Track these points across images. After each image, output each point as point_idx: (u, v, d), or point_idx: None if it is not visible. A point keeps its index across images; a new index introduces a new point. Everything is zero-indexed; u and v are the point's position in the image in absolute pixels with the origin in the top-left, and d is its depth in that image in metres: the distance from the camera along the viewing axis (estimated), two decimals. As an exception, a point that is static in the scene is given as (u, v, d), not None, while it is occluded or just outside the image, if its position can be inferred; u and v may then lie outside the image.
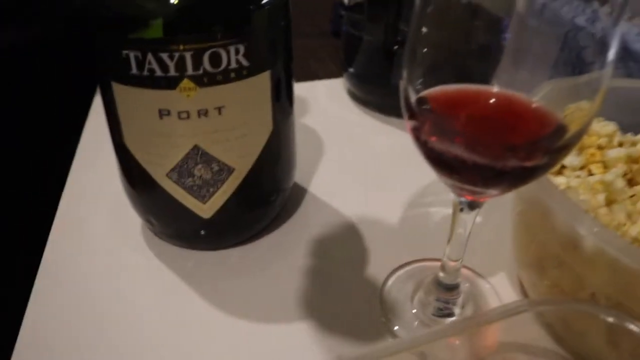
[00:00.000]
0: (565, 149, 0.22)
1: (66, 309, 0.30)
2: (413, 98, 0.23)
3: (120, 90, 0.28)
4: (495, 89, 0.26)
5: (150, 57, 0.26)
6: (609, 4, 0.21)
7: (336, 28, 0.67)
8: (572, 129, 0.23)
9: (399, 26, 0.46)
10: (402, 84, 0.24)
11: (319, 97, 0.53)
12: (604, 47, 0.23)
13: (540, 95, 0.27)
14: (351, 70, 0.51)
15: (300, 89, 0.53)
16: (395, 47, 0.46)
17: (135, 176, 0.32)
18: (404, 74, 0.23)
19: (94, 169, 0.42)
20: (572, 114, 0.24)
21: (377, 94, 0.49)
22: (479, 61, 0.26)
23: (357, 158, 0.44)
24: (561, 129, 0.23)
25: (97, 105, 0.52)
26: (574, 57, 0.26)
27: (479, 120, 0.23)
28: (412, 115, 0.22)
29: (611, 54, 0.23)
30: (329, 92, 0.54)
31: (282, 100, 0.32)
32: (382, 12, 0.47)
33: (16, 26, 0.69)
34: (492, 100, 0.25)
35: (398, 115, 0.30)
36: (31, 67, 0.72)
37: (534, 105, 0.24)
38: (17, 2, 0.67)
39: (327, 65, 0.60)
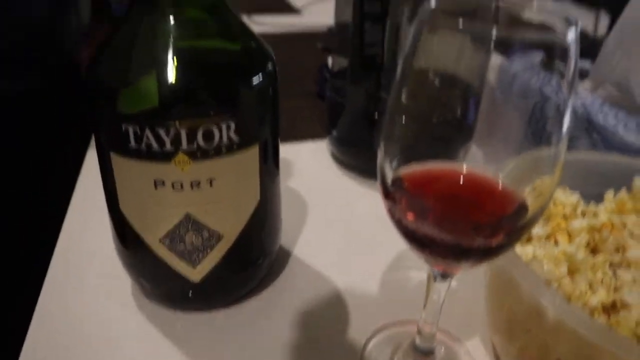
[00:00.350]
0: (526, 228, 0.24)
1: (56, 371, 0.31)
2: (389, 177, 0.26)
3: (118, 161, 0.30)
4: (464, 167, 0.28)
5: (148, 132, 0.28)
6: (563, 75, 0.23)
7: (322, 90, 0.71)
8: (537, 205, 0.26)
9: (380, 94, 0.50)
10: (379, 160, 0.26)
11: (304, 159, 0.56)
12: (560, 118, 0.25)
13: (507, 170, 0.29)
14: (334, 133, 0.54)
15: (285, 150, 0.55)
16: (376, 115, 0.49)
17: (128, 240, 0.34)
18: (380, 150, 0.26)
19: (87, 225, 0.44)
20: (537, 188, 0.27)
21: (360, 158, 0.52)
22: (453, 133, 0.29)
23: (340, 221, 0.46)
24: (523, 209, 0.25)
25: (91, 159, 0.54)
26: (541, 128, 0.28)
27: (448, 200, 0.25)
28: (387, 195, 0.25)
29: (565, 127, 0.25)
30: (313, 154, 0.57)
31: (269, 171, 0.34)
32: (364, 80, 0.50)
33: (10, 76, 0.71)
34: (461, 179, 0.27)
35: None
36: (22, 117, 0.74)
37: (499, 184, 0.27)
38: (12, 52, 0.69)
39: (312, 126, 0.63)
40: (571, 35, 0.21)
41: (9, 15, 0.68)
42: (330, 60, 0.69)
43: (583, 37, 1.00)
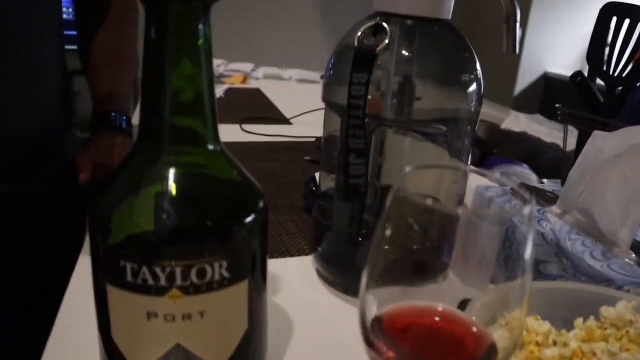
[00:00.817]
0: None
1: None
2: (369, 315, 0.28)
3: (113, 292, 0.32)
4: (440, 306, 0.30)
5: (144, 269, 0.30)
6: (525, 207, 0.26)
7: (308, 204, 0.74)
8: (509, 341, 0.28)
9: (364, 218, 0.53)
10: (360, 293, 0.28)
11: (289, 274, 0.58)
12: (524, 250, 0.28)
13: (479, 305, 0.31)
14: (319, 250, 0.56)
15: (272, 265, 0.57)
16: (360, 238, 0.52)
17: (117, 367, 0.35)
18: (362, 283, 0.28)
19: (74, 340, 0.44)
20: (510, 323, 0.29)
21: (343, 277, 0.54)
22: (432, 260, 0.31)
23: (324, 338, 0.47)
24: (493, 349, 0.27)
25: (82, 267, 0.55)
26: (515, 254, 0.31)
27: (424, 340, 0.27)
28: (366, 337, 0.27)
29: (528, 259, 0.28)
30: (299, 270, 0.59)
31: (258, 299, 0.36)
32: (349, 204, 0.53)
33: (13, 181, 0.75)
34: (436, 319, 0.29)
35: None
36: (21, 216, 0.78)
37: (472, 323, 0.29)
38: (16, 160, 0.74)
39: (298, 241, 0.66)
40: (527, 211, 0.25)
41: (14, 127, 0.73)
42: (317, 175, 0.72)
43: (555, 150, 1.06)
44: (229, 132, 1.12)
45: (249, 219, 0.33)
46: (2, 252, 0.78)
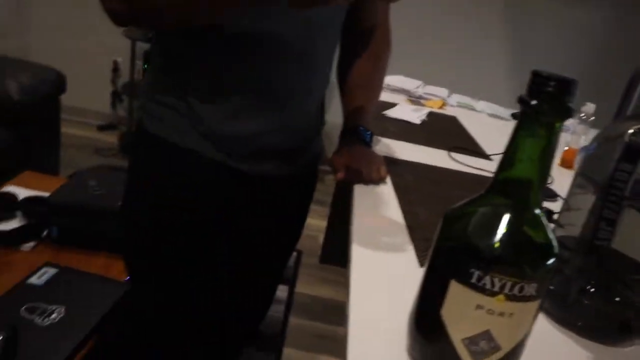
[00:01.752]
0: None
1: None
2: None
3: (456, 286, 0.50)
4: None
5: (487, 278, 0.48)
6: None
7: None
8: None
9: (593, 273, 0.66)
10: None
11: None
12: None
13: None
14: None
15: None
16: (588, 287, 0.65)
17: (435, 335, 0.53)
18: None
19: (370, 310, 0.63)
20: None
21: (567, 312, 0.68)
22: None
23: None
24: None
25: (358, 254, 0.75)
26: None
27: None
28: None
29: None
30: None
31: (536, 315, 0.52)
32: (585, 257, 0.67)
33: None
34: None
35: None
36: None
37: None
38: None
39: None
40: None
41: (298, 121, 0.95)
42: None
43: None
44: (438, 157, 1.28)
45: (552, 262, 0.49)
46: (267, 224, 1.01)
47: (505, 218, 0.49)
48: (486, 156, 1.39)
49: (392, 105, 1.74)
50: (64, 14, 3.38)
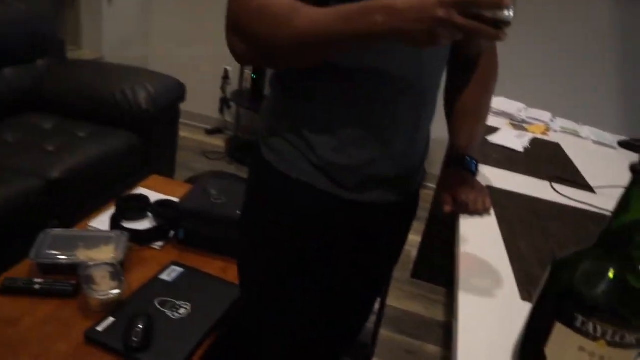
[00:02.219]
0: None
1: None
2: None
3: (560, 328, 0.56)
4: None
5: (590, 324, 0.54)
6: None
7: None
8: None
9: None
10: None
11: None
12: None
13: None
14: None
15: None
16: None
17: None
18: None
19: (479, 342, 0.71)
20: None
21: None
22: None
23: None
24: None
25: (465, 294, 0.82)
26: None
27: None
28: None
29: None
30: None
31: (635, 360, 0.57)
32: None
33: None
34: None
35: None
36: None
37: None
38: None
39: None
40: None
41: (405, 150, 0.99)
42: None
43: None
44: (540, 188, 1.31)
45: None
46: (370, 247, 1.07)
47: (611, 269, 0.55)
48: (590, 189, 1.40)
49: (494, 129, 1.77)
50: (179, 24, 3.68)
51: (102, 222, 1.62)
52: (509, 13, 0.69)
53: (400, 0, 0.70)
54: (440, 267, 2.44)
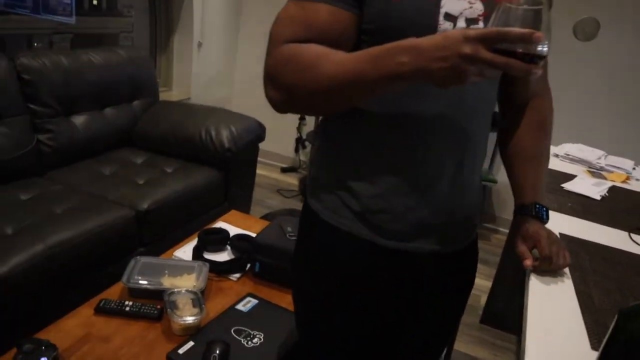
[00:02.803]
0: None
1: None
2: None
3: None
4: None
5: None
6: None
7: None
8: None
9: None
10: None
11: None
12: None
13: None
14: None
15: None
16: None
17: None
18: None
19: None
20: None
21: None
22: None
23: None
24: None
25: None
26: None
27: None
28: None
29: None
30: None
31: None
32: None
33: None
34: None
35: None
36: None
37: None
38: None
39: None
40: None
41: (453, 199, 0.92)
42: None
43: None
44: (618, 238, 1.29)
45: None
46: (423, 298, 1.02)
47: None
48: (672, 241, 1.35)
49: (571, 177, 1.75)
50: (261, 68, 3.87)
51: (185, 252, 1.73)
52: (542, 47, 0.65)
53: (426, 40, 0.69)
54: (510, 314, 2.38)
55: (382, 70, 0.72)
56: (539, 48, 0.65)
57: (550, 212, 1.05)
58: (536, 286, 0.98)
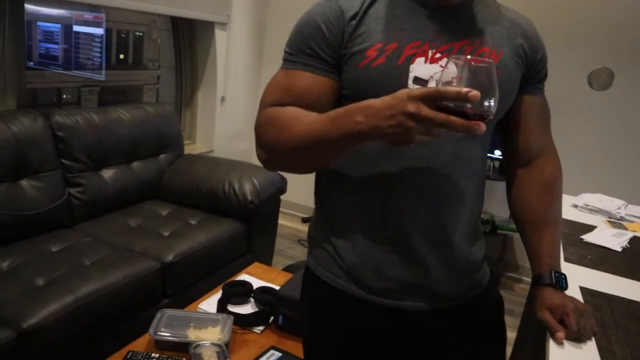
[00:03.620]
0: None
1: None
2: None
3: None
4: None
5: None
6: None
7: None
8: None
9: None
10: None
11: None
12: None
13: None
14: None
15: None
16: None
17: None
18: None
19: None
20: None
21: None
22: None
23: None
24: None
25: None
26: None
27: None
28: None
29: None
30: None
31: None
32: None
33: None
34: None
35: None
36: None
37: None
38: None
39: None
40: None
41: (460, 258, 0.95)
42: None
43: None
44: (637, 291, 1.28)
45: None
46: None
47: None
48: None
49: (590, 227, 1.76)
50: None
51: (210, 304, 1.77)
52: (489, 103, 0.65)
53: (379, 100, 0.72)
54: (537, 368, 2.33)
55: (342, 129, 0.76)
56: (486, 104, 0.65)
57: (570, 265, 1.06)
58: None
